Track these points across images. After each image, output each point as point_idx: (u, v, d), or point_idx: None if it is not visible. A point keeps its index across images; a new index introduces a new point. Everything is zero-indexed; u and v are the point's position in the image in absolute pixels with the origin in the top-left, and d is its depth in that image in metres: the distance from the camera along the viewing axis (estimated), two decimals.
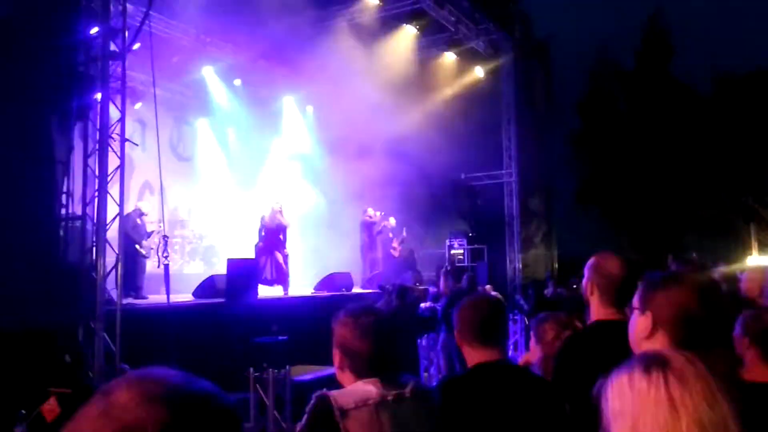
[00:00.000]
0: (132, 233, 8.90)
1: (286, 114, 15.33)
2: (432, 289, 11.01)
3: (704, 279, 2.83)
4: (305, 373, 6.64)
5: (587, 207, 28.23)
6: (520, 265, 16.35)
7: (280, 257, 10.50)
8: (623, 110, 27.99)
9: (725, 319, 2.44)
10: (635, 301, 1.88)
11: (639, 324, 1.84)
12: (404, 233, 14.00)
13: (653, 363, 1.15)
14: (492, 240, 16.01)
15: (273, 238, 10.57)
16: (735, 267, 6.69)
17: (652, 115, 25.56)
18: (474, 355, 2.41)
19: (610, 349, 2.10)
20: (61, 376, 5.29)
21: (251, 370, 5.89)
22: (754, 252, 22.19)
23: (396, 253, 14.10)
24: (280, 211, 10.66)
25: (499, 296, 7.11)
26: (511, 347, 10.20)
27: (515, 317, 10.91)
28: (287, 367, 6.07)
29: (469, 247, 15.86)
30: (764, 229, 23.16)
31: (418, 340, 8.58)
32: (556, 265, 17.58)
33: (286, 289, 10.38)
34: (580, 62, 27.89)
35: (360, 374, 1.99)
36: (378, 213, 13.34)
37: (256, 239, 10.67)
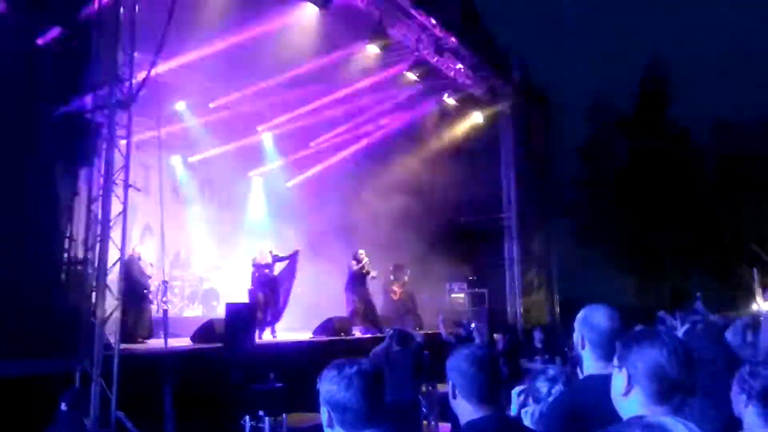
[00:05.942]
0: (140, 278, 9.07)
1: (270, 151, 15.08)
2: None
3: (678, 336, 2.82)
4: (302, 421, 6.58)
5: (589, 251, 28.18)
6: (522, 310, 16.23)
7: (272, 297, 10.62)
8: (622, 155, 28.21)
9: (703, 374, 2.43)
10: (615, 357, 1.90)
11: (616, 381, 1.87)
12: (406, 277, 13.97)
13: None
14: (492, 284, 15.95)
15: (266, 278, 10.67)
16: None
17: (652, 160, 25.75)
18: (467, 411, 2.34)
19: (601, 404, 2.11)
20: (57, 423, 5.24)
21: (247, 418, 5.85)
22: (758, 297, 22.04)
23: (395, 297, 14.03)
24: (270, 252, 10.86)
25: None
26: None
27: None
28: (284, 415, 6.03)
29: (470, 291, 15.78)
30: None
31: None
32: (558, 310, 17.47)
33: (273, 330, 10.46)
34: (580, 108, 28.24)
35: (350, 429, 1.99)
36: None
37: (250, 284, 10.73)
